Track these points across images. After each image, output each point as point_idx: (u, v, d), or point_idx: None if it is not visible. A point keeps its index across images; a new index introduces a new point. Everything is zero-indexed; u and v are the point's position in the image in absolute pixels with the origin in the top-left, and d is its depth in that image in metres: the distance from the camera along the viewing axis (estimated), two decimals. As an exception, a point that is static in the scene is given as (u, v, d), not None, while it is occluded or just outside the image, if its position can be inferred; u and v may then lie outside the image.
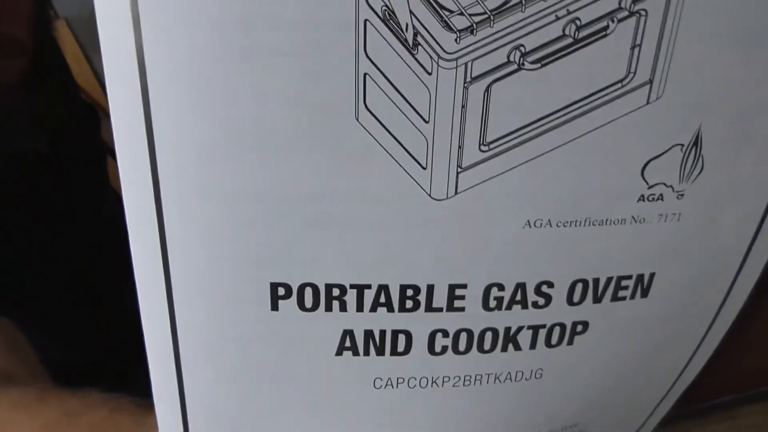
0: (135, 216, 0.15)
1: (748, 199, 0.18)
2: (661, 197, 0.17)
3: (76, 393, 0.34)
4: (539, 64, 0.14)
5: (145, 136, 0.14)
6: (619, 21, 0.14)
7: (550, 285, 0.17)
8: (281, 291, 0.16)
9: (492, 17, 0.14)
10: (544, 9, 0.14)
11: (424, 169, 0.15)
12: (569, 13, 0.14)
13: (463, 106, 0.15)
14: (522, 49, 0.14)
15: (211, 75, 0.14)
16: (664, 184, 0.16)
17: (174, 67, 0.14)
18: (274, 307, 0.17)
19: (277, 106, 0.14)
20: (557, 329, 0.18)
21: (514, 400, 0.19)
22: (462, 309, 0.17)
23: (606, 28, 0.14)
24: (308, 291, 0.16)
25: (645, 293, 0.18)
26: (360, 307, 0.17)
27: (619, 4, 0.14)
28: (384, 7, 0.13)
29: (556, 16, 0.14)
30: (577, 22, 0.14)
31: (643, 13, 0.14)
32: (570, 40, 0.14)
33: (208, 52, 0.13)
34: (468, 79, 0.14)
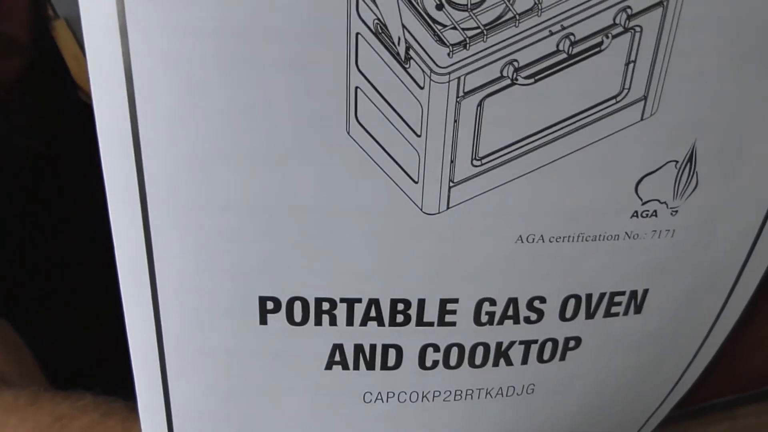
0: (121, 226, 0.15)
1: (743, 217, 0.18)
2: (655, 213, 0.16)
3: (68, 396, 0.34)
4: (533, 80, 0.14)
5: (131, 146, 0.14)
6: (614, 37, 0.14)
7: (543, 300, 0.17)
8: (270, 305, 0.16)
9: (485, 32, 0.14)
10: (537, 24, 0.14)
11: (416, 183, 0.15)
12: (563, 28, 0.14)
13: (455, 121, 0.14)
14: (515, 64, 0.14)
15: (199, 86, 0.13)
16: (658, 201, 0.16)
17: (162, 78, 0.13)
18: (263, 321, 0.16)
19: (266, 118, 0.14)
20: (549, 345, 0.18)
21: (505, 415, 0.19)
22: (453, 324, 0.17)
23: (600, 44, 0.14)
24: (297, 305, 0.16)
25: (638, 309, 0.18)
26: (350, 321, 0.17)
27: (614, 20, 0.14)
28: (376, 21, 0.13)
29: (550, 31, 0.14)
30: (572, 38, 0.14)
31: (638, 29, 0.14)
32: (564, 56, 0.14)
33: (196, 63, 0.13)
34: (461, 94, 0.14)
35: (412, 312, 0.17)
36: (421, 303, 0.17)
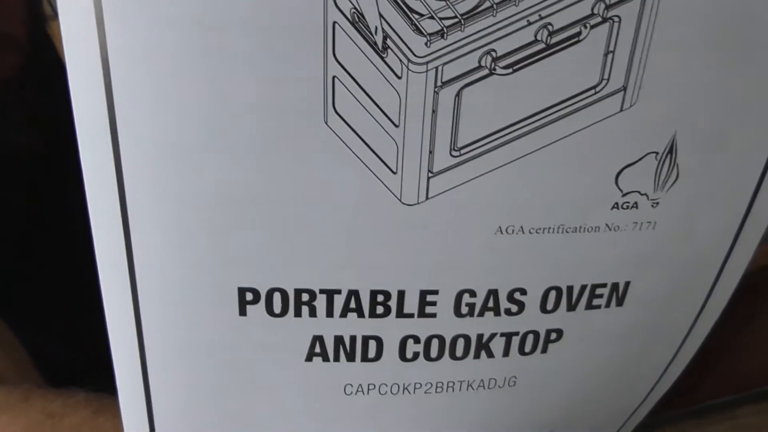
0: (99, 218, 0.15)
1: (725, 209, 0.18)
2: (635, 205, 0.16)
3: (60, 394, 0.34)
4: (511, 70, 0.14)
5: (109, 137, 0.14)
6: (592, 27, 0.14)
7: (523, 292, 0.17)
8: (249, 296, 0.16)
9: (463, 21, 0.14)
10: (515, 14, 0.14)
11: (395, 173, 0.15)
12: (541, 18, 0.14)
13: (433, 111, 0.14)
14: (493, 53, 0.14)
15: (176, 76, 0.13)
16: (639, 192, 0.16)
17: (139, 69, 0.13)
18: (242, 312, 0.16)
19: (243, 108, 0.14)
20: (531, 337, 0.18)
21: (487, 407, 0.19)
22: (433, 315, 0.17)
23: (579, 34, 0.14)
24: (277, 296, 0.16)
25: (620, 302, 0.18)
26: (330, 313, 0.17)
27: (592, 9, 0.14)
28: (353, 10, 0.13)
29: (528, 21, 0.14)
30: (550, 28, 0.14)
31: (616, 19, 0.14)
32: (542, 46, 0.14)
33: (173, 54, 0.13)
34: (438, 84, 0.14)
35: (392, 303, 0.17)
36: (401, 294, 0.17)
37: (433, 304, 0.17)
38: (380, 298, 0.17)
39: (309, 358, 0.17)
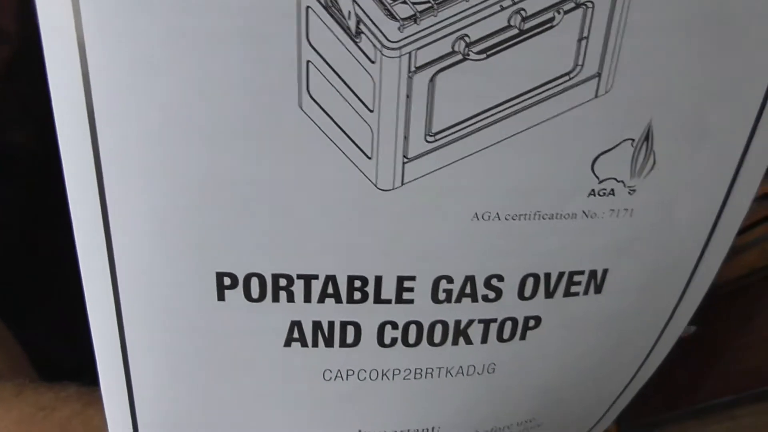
0: (78, 203, 0.15)
1: (703, 197, 0.18)
2: (612, 192, 0.16)
3: (52, 387, 0.35)
4: (484, 55, 0.14)
5: (86, 120, 0.14)
6: (566, 12, 0.14)
7: (500, 279, 0.17)
8: (227, 281, 0.16)
9: (436, 6, 0.14)
10: (488, -1, 0.14)
11: (370, 158, 0.15)
12: (514, 3, 0.14)
13: (407, 96, 0.14)
14: (467, 39, 0.14)
15: (152, 61, 0.13)
16: (615, 179, 0.16)
17: (115, 53, 0.13)
18: (221, 297, 0.16)
19: (218, 91, 0.14)
20: (509, 324, 0.18)
21: (466, 394, 0.19)
22: (411, 301, 0.17)
23: (552, 19, 0.14)
24: (255, 281, 0.16)
25: (598, 289, 0.18)
26: (308, 298, 0.17)
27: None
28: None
29: (501, 6, 0.14)
30: (523, 13, 0.14)
31: (589, 5, 0.14)
32: (515, 31, 0.14)
33: (148, 38, 0.13)
34: (412, 69, 0.14)
35: (370, 289, 0.17)
36: (378, 280, 0.17)
37: (411, 290, 0.17)
38: (357, 283, 0.17)
39: (287, 344, 0.17)
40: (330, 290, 0.17)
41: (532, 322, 0.18)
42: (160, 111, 0.14)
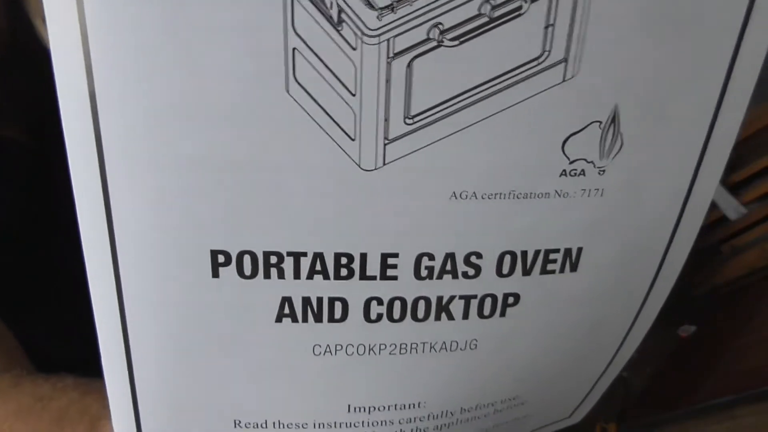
0: (80, 183, 0.16)
1: (671, 177, 0.19)
2: (582, 172, 0.17)
3: (49, 379, 0.35)
4: (457, 42, 0.15)
5: (88, 105, 0.15)
6: (533, 1, 0.15)
7: (479, 256, 0.18)
8: (221, 258, 0.17)
9: (411, -4, 0.15)
10: (460, -11, 0.15)
11: (353, 140, 0.16)
12: (484, -7, 0.15)
13: (387, 81, 0.15)
14: (440, 26, 0.15)
15: (149, 48, 0.14)
16: (585, 160, 0.17)
17: (115, 40, 0.14)
18: (215, 274, 0.17)
19: (210, 77, 0.15)
20: (489, 300, 0.19)
21: (450, 370, 0.20)
22: (395, 278, 0.18)
23: (520, 8, 0.15)
24: (247, 258, 0.17)
25: (574, 267, 0.19)
26: (297, 275, 0.18)
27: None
28: None
29: (471, -5, 0.15)
30: (492, 2, 0.15)
31: (555, -6, 0.15)
32: (486, 19, 0.15)
33: (145, 27, 0.14)
34: (391, 55, 0.15)
35: (355, 266, 0.18)
36: (363, 257, 0.18)
37: (394, 266, 0.18)
38: (344, 260, 0.18)
39: (279, 319, 0.18)
40: (318, 267, 0.18)
41: (511, 299, 0.19)
42: (158, 95, 0.15)
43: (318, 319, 0.18)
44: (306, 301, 0.18)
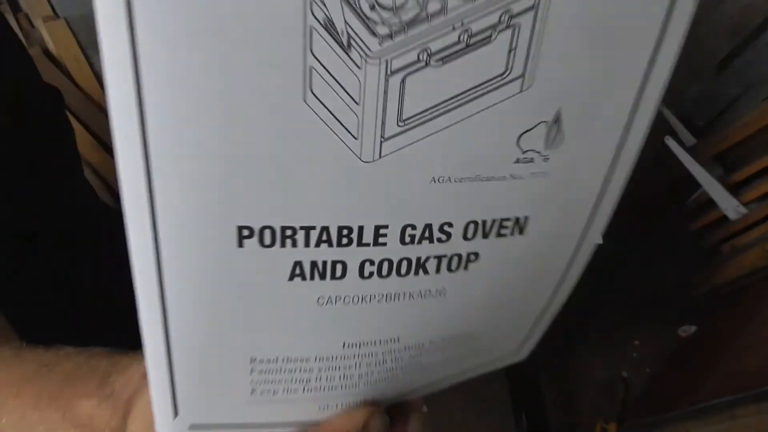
0: (126, 172, 0.19)
1: (596, 162, 0.24)
2: (532, 160, 0.22)
3: (50, 348, 0.35)
4: (441, 62, 0.19)
5: (135, 99, 0.17)
6: (500, 32, 0.19)
7: (450, 225, 0.23)
8: (245, 232, 0.21)
9: (406, 27, 0.18)
10: (444, 21, 0.18)
11: (356, 139, 0.20)
12: (463, 24, 0.19)
13: (384, 92, 0.19)
14: (428, 50, 0.19)
15: (194, 64, 0.17)
16: (534, 151, 0.22)
17: (163, 55, 0.17)
18: (240, 244, 0.21)
19: (241, 84, 0.18)
20: (456, 258, 0.24)
21: (423, 312, 0.25)
22: (384, 244, 0.22)
23: (490, 36, 0.19)
24: (267, 231, 0.21)
25: (522, 231, 0.24)
26: (307, 244, 0.22)
27: (499, 19, 0.19)
28: (325, 18, 0.18)
29: (453, 27, 0.19)
30: (469, 32, 0.19)
31: (517, 26, 0.19)
32: (464, 45, 0.19)
33: (193, 48, 0.17)
34: (388, 73, 0.19)
35: (354, 236, 0.22)
36: (361, 229, 0.22)
37: (384, 236, 0.22)
38: (345, 232, 0.22)
39: (291, 278, 0.22)
40: (324, 237, 0.22)
41: (473, 257, 0.24)
42: (199, 97, 0.18)
43: (322, 277, 0.23)
44: (313, 264, 0.22)
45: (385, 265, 0.23)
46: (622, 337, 1.83)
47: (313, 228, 0.21)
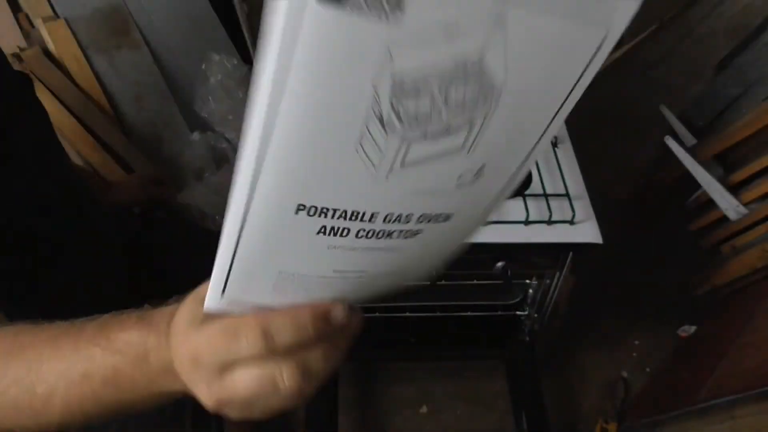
0: (246, 161, 0.32)
1: (495, 186, 0.43)
2: (466, 184, 0.41)
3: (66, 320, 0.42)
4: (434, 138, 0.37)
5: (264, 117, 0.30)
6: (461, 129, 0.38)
7: (411, 215, 0.39)
8: (301, 207, 0.35)
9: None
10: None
11: (376, 168, 0.35)
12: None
13: (401, 164, 0.35)
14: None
15: (293, 83, 0.29)
16: (466, 182, 0.41)
17: (277, 92, 0.29)
18: (296, 213, 0.35)
19: (323, 134, 0.32)
20: (410, 232, 0.41)
21: (405, 247, 0.42)
22: (391, 221, 0.38)
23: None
24: (312, 209, 0.35)
25: (447, 219, 0.41)
26: (333, 217, 0.36)
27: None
28: (380, 116, 0.31)
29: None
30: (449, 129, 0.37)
31: (473, 123, 0.39)
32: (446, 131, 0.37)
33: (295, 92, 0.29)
34: (403, 158, 0.34)
35: (367, 217, 0.37)
36: (375, 213, 0.37)
37: (391, 219, 0.38)
38: (362, 215, 0.36)
39: (318, 233, 0.37)
40: (350, 216, 0.36)
41: (419, 231, 0.41)
42: (292, 118, 0.31)
43: (342, 236, 0.38)
44: (335, 228, 0.37)
45: (382, 233, 0.40)
46: (622, 337, 1.99)
47: (342, 211, 0.37)
